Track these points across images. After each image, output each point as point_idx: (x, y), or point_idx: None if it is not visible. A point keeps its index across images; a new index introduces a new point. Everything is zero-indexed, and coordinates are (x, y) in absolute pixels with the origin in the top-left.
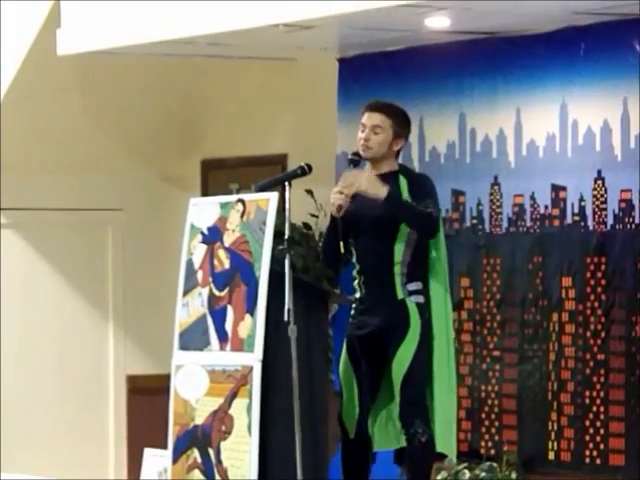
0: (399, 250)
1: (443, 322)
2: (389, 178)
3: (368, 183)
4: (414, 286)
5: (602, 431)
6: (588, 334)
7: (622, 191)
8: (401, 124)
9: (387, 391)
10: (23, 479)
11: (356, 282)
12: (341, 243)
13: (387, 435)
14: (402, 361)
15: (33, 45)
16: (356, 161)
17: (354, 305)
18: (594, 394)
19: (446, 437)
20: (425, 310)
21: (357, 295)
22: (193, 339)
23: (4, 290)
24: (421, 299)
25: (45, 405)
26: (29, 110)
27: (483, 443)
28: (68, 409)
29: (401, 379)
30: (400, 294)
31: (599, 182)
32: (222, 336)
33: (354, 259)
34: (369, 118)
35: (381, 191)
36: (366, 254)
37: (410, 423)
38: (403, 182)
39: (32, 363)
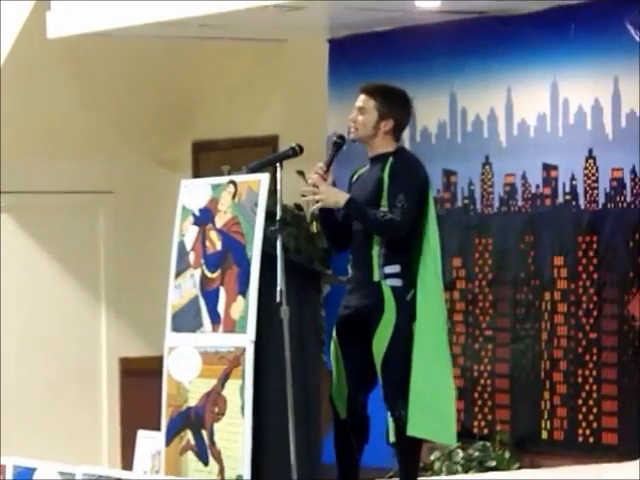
0: None
1: (432, 306)
2: (381, 160)
3: (326, 196)
4: (391, 269)
5: (595, 410)
6: (580, 313)
7: (613, 170)
8: (388, 104)
9: None
10: (17, 462)
11: (349, 263)
12: (314, 224)
13: None
14: (380, 344)
15: (23, 28)
16: (339, 144)
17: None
18: (587, 373)
19: (423, 421)
20: (403, 294)
21: (349, 276)
22: (185, 321)
23: None
24: (398, 282)
25: (38, 388)
26: (20, 94)
27: (476, 423)
28: (61, 391)
29: (381, 362)
30: (376, 276)
31: (590, 161)
32: (214, 318)
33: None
34: (357, 100)
35: (339, 200)
36: (354, 236)
37: (394, 405)
38: (390, 164)
39: (25, 346)
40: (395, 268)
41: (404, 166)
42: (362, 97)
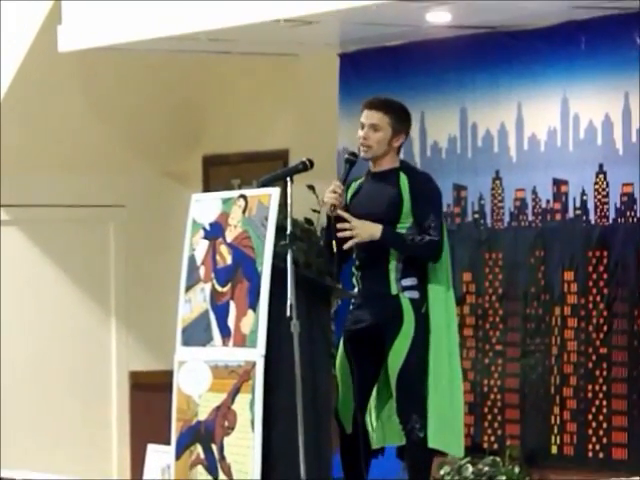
0: None
1: (443, 319)
2: (390, 175)
3: (361, 230)
4: (409, 282)
5: (605, 425)
6: (590, 328)
7: (624, 185)
8: (400, 120)
9: (387, 386)
10: (27, 476)
11: (354, 277)
12: (334, 242)
13: (391, 431)
14: (397, 356)
15: (34, 42)
16: (352, 161)
17: (352, 300)
18: (597, 388)
19: (442, 433)
20: (420, 306)
21: (355, 290)
22: (196, 335)
23: (6, 287)
24: (416, 295)
25: (48, 401)
26: (30, 107)
27: (486, 437)
28: (71, 405)
29: (397, 374)
30: (394, 289)
31: (601, 176)
32: (225, 332)
33: (354, 255)
34: (367, 116)
35: (374, 233)
36: (363, 250)
37: (407, 418)
38: (404, 181)
39: (35, 359)
40: (413, 280)
41: (423, 183)
42: (374, 114)
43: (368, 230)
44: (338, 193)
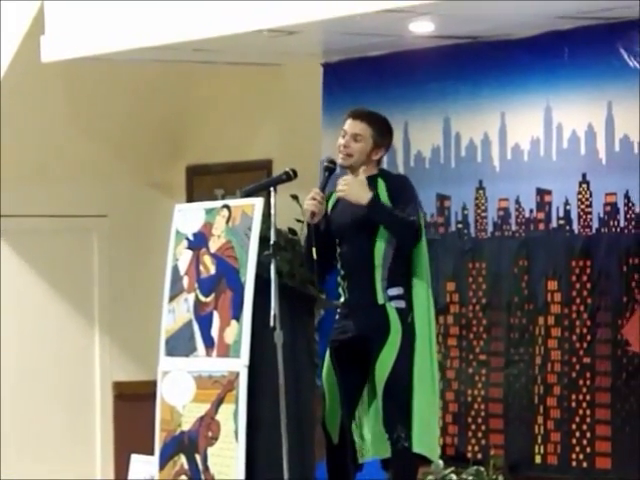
0: (379, 255)
1: (426, 327)
2: (369, 182)
3: (350, 188)
4: (395, 291)
5: (589, 434)
6: (574, 337)
7: (607, 194)
8: (382, 134)
9: (376, 398)
10: None
11: (340, 287)
12: (314, 250)
13: (381, 444)
14: (384, 366)
15: (17, 52)
16: (331, 169)
17: (338, 310)
18: (580, 397)
19: (425, 438)
20: (406, 315)
21: (341, 300)
22: (179, 345)
23: None
24: (402, 304)
25: (32, 411)
26: (13, 117)
27: (470, 447)
28: (55, 415)
29: (383, 384)
30: (381, 299)
31: (584, 186)
32: (208, 342)
33: (339, 265)
34: (351, 125)
35: (361, 199)
36: (348, 260)
37: (393, 428)
38: (381, 185)
39: (18, 370)
40: (399, 290)
41: (400, 183)
42: (358, 124)
43: (358, 193)
44: (317, 200)
